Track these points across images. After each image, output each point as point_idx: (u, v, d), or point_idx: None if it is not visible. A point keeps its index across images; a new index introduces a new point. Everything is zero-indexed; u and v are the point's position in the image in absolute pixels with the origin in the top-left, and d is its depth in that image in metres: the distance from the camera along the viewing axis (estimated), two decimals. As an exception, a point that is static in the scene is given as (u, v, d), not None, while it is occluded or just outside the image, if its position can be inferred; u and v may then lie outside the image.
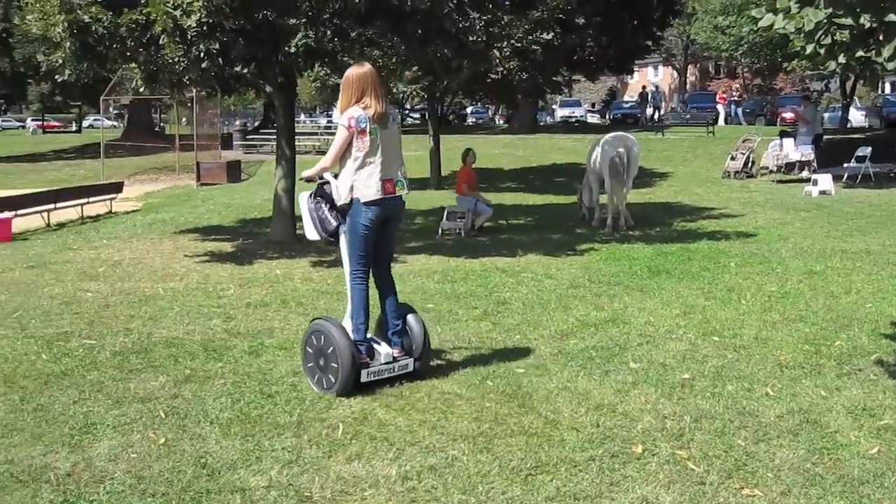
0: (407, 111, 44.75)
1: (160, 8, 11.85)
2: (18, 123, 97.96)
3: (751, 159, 26.72)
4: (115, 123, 73.60)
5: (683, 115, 51.39)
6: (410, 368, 7.07)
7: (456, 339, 8.34)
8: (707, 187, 24.01)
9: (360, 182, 6.76)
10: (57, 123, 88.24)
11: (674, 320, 8.94)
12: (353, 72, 6.88)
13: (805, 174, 24.26)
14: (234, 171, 31.41)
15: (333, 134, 29.87)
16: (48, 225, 19.04)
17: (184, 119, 41.71)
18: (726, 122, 50.50)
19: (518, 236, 15.54)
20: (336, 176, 6.96)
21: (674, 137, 39.25)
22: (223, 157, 35.20)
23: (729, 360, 7.48)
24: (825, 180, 21.52)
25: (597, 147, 16.37)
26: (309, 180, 7.16)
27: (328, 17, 13.43)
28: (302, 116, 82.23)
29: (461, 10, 13.43)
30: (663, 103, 62.95)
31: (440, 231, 15.78)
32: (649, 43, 50.69)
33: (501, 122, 66.85)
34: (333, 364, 6.68)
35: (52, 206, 19.45)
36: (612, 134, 16.72)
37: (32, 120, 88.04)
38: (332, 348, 6.71)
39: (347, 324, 7.00)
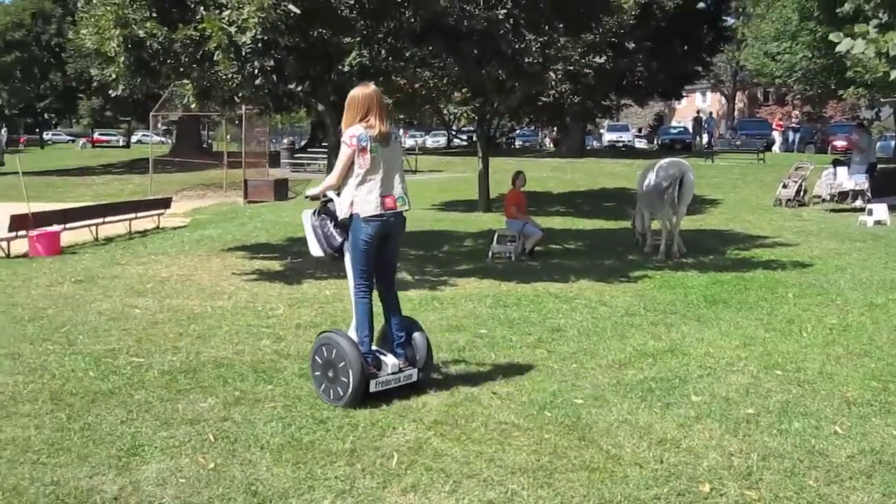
0: (454, 133, 44.59)
1: (215, 24, 11.80)
2: (68, 137, 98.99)
3: (803, 187, 26.30)
4: (164, 139, 74.22)
5: (734, 142, 50.86)
6: (414, 379, 7.27)
7: (510, 366, 8.12)
8: (759, 215, 23.63)
9: (359, 198, 7.00)
10: (104, 138, 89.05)
11: (734, 352, 8.67)
12: (358, 92, 7.14)
13: (859, 203, 23.84)
14: (281, 189, 31.41)
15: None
16: (96, 239, 19.08)
17: (228, 136, 41.89)
18: (784, 150, 49.72)
19: (569, 261, 15.29)
20: (338, 193, 7.13)
21: (723, 164, 38.86)
22: (270, 175, 35.25)
23: (794, 396, 7.20)
24: (881, 210, 21.09)
25: (650, 172, 16.08)
26: (314, 198, 7.33)
27: (383, 36, 13.33)
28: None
29: (517, 32, 13.27)
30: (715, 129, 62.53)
31: (490, 254, 15.59)
32: (699, 69, 50.33)
33: (550, 145, 66.51)
34: (343, 375, 6.83)
35: (100, 220, 19.51)
36: (666, 159, 16.45)
37: (101, 134, 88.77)
38: (341, 360, 6.86)
39: (353, 336, 7.12)
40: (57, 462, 5.78)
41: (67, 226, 18.20)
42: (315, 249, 7.32)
